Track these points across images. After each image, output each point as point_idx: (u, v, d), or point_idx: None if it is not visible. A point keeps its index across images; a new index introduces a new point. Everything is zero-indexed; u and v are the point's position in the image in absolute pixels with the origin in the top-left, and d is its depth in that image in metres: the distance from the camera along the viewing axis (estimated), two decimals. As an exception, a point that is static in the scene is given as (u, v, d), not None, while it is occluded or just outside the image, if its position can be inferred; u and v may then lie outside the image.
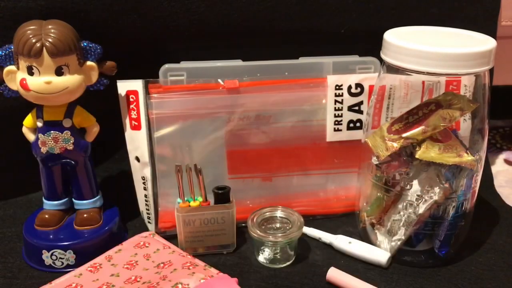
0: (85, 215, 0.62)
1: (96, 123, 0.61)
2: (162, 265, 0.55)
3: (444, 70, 0.51)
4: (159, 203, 0.65)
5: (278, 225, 0.61)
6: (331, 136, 0.67)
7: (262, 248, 0.60)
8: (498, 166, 0.84)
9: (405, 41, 0.53)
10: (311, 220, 0.67)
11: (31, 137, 0.60)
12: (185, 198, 0.60)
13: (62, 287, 0.52)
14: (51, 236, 0.60)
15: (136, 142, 0.63)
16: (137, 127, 0.62)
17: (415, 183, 0.56)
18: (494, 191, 0.75)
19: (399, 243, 0.59)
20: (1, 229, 0.67)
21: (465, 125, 0.63)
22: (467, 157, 0.54)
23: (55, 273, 0.58)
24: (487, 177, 0.77)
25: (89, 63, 0.57)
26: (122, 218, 0.66)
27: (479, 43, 0.53)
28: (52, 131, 0.58)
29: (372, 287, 0.55)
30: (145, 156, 0.63)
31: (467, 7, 0.69)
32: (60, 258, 0.59)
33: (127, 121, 0.63)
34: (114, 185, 0.73)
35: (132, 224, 0.68)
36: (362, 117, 0.67)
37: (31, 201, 0.72)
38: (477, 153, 0.57)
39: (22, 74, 0.55)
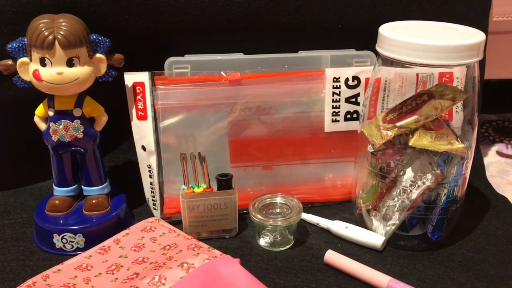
0: (93, 201, 0.64)
1: (105, 113, 0.63)
2: (168, 247, 0.57)
3: (436, 61, 0.53)
4: (164, 190, 0.67)
5: (278, 210, 0.64)
6: (329, 126, 0.69)
7: (262, 232, 0.62)
8: (491, 158, 0.86)
9: (399, 34, 0.55)
10: (309, 207, 0.69)
11: (42, 126, 0.62)
12: (190, 185, 0.62)
13: (73, 267, 0.55)
14: (61, 221, 0.63)
15: (143, 131, 0.65)
16: (143, 117, 0.65)
17: (409, 170, 0.58)
18: (486, 180, 0.77)
19: (393, 227, 0.61)
20: (13, 215, 0.69)
21: (457, 116, 0.65)
22: (457, 145, 0.56)
23: (65, 255, 0.60)
24: (480, 167, 0.79)
25: (98, 55, 0.59)
26: (128, 205, 0.68)
27: (469, 36, 0.55)
28: (63, 120, 0.60)
29: (367, 268, 0.57)
30: (151, 145, 0.65)
31: (459, 3, 0.71)
32: (70, 241, 0.61)
33: (133, 112, 0.65)
34: (121, 174, 0.75)
35: (138, 211, 0.70)
36: (359, 108, 0.69)
37: (41, 189, 0.74)
38: (467, 141, 0.59)
39: (34, 66, 0.57)
